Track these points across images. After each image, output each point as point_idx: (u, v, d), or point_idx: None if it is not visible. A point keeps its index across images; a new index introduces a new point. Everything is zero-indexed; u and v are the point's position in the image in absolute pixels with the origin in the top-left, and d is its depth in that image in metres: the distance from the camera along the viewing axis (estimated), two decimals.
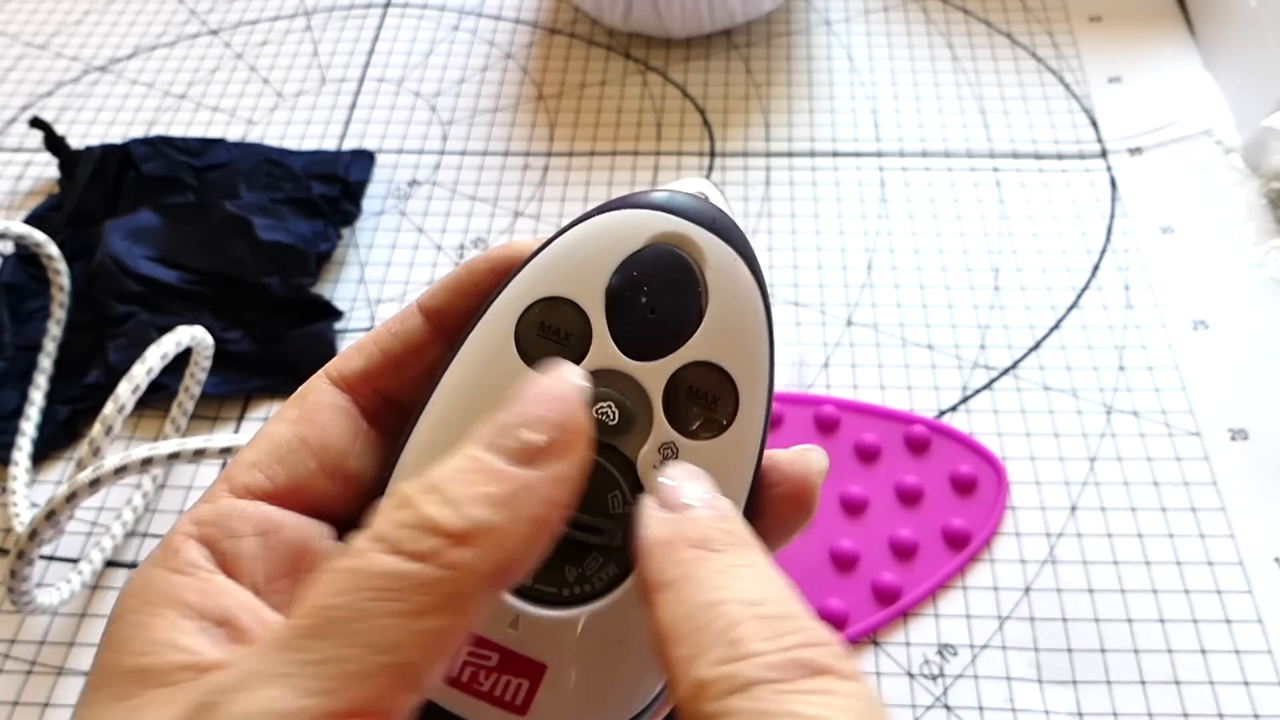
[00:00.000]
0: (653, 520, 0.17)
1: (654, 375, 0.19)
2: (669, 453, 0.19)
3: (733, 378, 0.19)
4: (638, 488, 0.19)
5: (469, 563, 0.15)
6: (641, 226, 0.19)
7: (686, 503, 0.17)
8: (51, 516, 0.35)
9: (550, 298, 0.19)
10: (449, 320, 0.21)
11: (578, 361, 0.19)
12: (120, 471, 0.35)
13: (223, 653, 0.16)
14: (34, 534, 0.35)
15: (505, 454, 0.16)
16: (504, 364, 0.19)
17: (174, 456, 0.36)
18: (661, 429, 0.19)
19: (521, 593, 0.19)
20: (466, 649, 0.19)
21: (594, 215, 0.20)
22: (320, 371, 0.21)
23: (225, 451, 0.37)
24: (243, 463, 0.19)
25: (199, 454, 0.36)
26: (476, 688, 0.19)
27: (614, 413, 0.19)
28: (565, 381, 0.17)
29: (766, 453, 0.20)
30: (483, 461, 0.16)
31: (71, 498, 0.35)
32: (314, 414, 0.20)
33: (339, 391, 0.20)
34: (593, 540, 0.19)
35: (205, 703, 0.14)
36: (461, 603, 0.15)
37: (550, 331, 0.19)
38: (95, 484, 0.35)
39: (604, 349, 0.19)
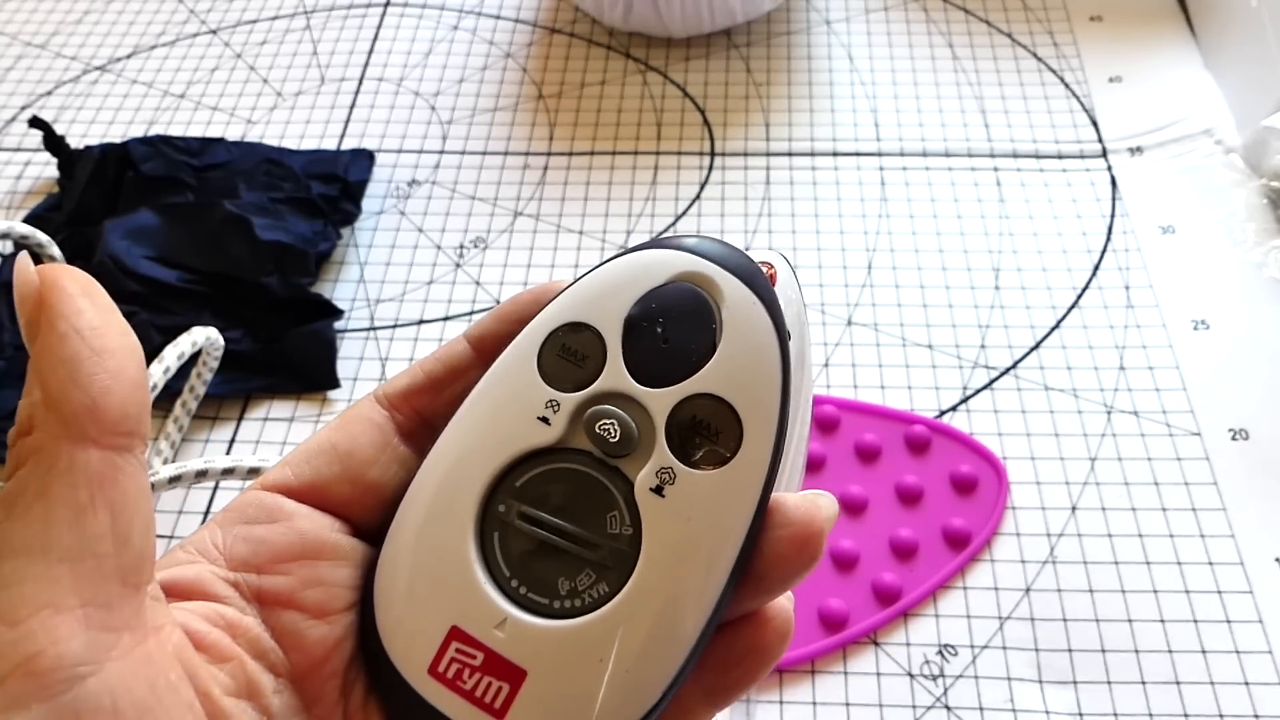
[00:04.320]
0: None
1: (659, 401, 0.20)
2: (666, 478, 0.19)
3: (738, 413, 0.20)
4: (635, 510, 0.19)
5: None
6: (666, 264, 0.20)
7: None
8: None
9: (574, 323, 0.20)
10: (489, 346, 0.22)
11: (590, 382, 0.20)
12: (174, 481, 0.36)
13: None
14: None
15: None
16: (524, 380, 0.20)
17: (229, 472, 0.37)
18: (662, 454, 0.20)
19: (512, 598, 0.20)
20: (455, 645, 0.19)
21: (626, 253, 0.21)
22: (370, 391, 0.23)
23: (253, 472, 0.38)
24: (280, 462, 0.21)
25: (253, 472, 0.37)
26: (459, 685, 0.19)
27: (615, 430, 0.20)
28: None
29: (775, 495, 0.20)
30: None
31: None
32: (349, 424, 0.22)
33: (378, 407, 0.22)
34: (587, 555, 0.20)
35: None
36: None
37: (569, 353, 0.20)
38: (176, 480, 0.36)
39: (615, 372, 0.20)
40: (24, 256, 0.17)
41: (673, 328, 0.20)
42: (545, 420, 0.20)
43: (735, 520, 0.19)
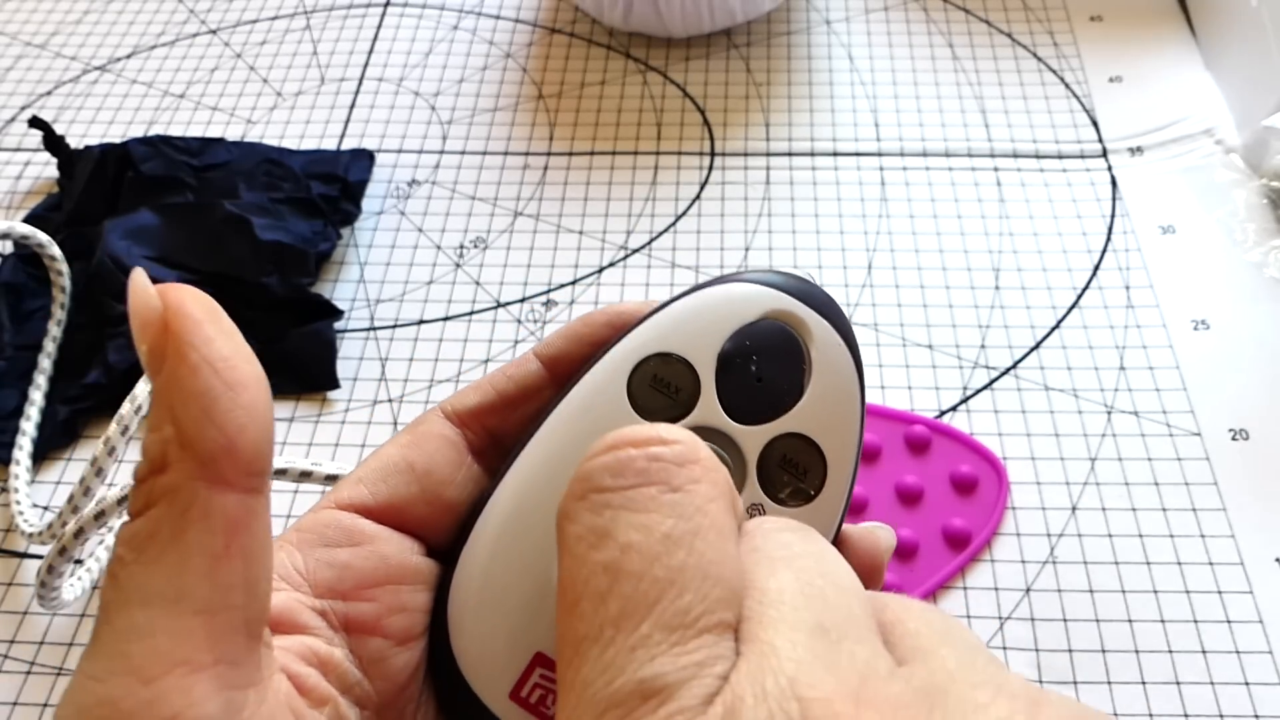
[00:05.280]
0: None
1: (752, 439, 0.20)
2: (756, 513, 0.20)
3: (824, 452, 0.20)
4: None
5: None
6: (757, 301, 0.21)
7: None
8: (100, 518, 0.34)
9: (665, 354, 0.21)
10: (563, 367, 0.22)
11: (683, 416, 0.20)
12: None
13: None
14: (80, 533, 0.35)
15: None
16: (614, 406, 0.20)
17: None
18: (753, 490, 0.20)
19: None
20: (539, 670, 0.20)
21: (711, 285, 0.21)
22: (437, 405, 0.22)
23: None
24: (352, 478, 0.21)
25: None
26: (543, 710, 0.20)
27: None
28: None
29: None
30: None
31: (123, 501, 0.34)
32: (423, 441, 0.21)
33: (450, 424, 0.22)
34: None
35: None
36: None
37: (661, 384, 0.21)
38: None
39: (709, 407, 0.20)
40: (141, 275, 0.16)
41: (765, 366, 0.20)
42: None
43: None
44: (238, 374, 0.16)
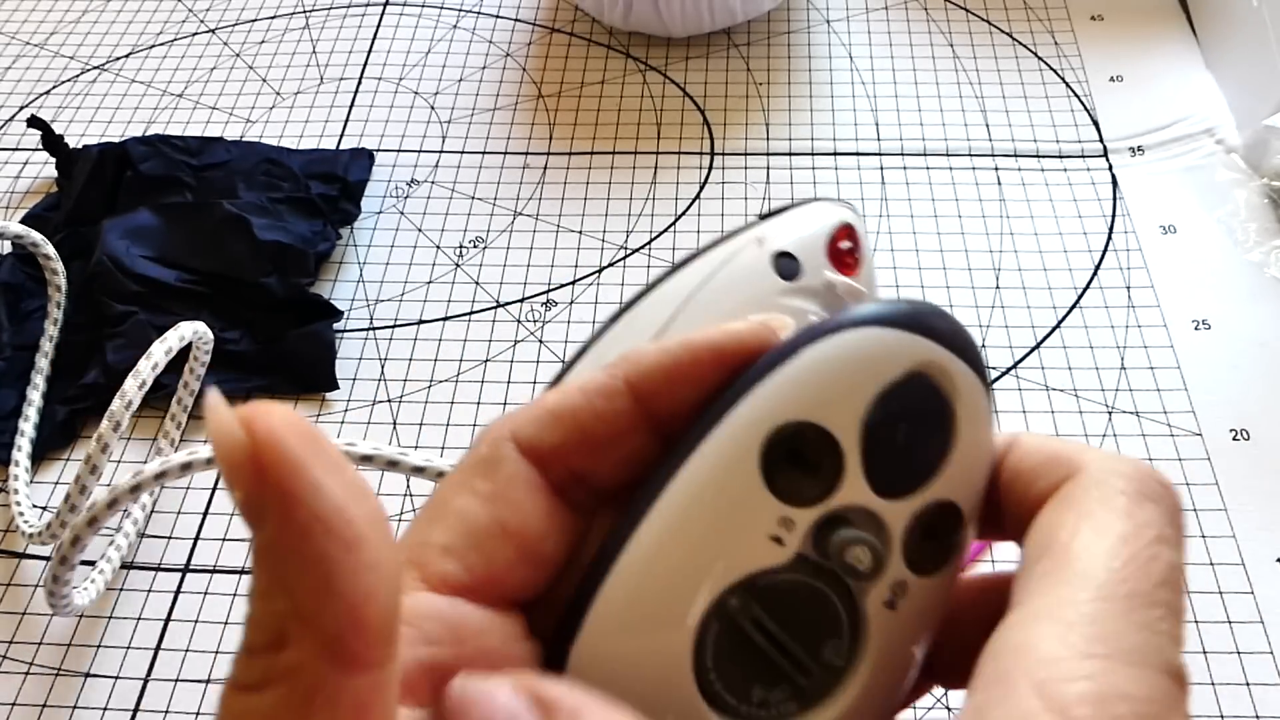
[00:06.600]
0: None
1: (898, 513, 0.18)
2: (899, 592, 0.18)
3: (964, 515, 0.18)
4: (859, 627, 0.18)
5: None
6: (900, 353, 0.18)
7: None
8: (94, 523, 0.34)
9: (803, 422, 0.18)
10: (661, 407, 0.19)
11: (827, 495, 0.18)
12: (160, 477, 0.35)
13: None
14: (76, 540, 0.35)
15: None
16: (747, 487, 0.18)
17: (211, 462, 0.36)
18: (897, 568, 0.18)
19: (710, 697, 0.18)
20: None
21: (843, 330, 0.18)
22: (508, 435, 0.19)
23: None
24: (435, 546, 0.17)
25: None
26: None
27: (867, 558, 0.18)
28: None
29: None
30: None
31: (113, 504, 0.34)
32: (509, 491, 0.18)
33: (531, 466, 0.18)
34: (789, 671, 0.18)
35: None
36: None
37: (799, 460, 0.18)
38: (135, 489, 0.34)
39: (856, 485, 0.18)
40: (216, 397, 0.13)
41: (912, 431, 0.18)
42: (778, 540, 0.18)
43: (940, 619, 0.19)
44: (356, 526, 0.13)
